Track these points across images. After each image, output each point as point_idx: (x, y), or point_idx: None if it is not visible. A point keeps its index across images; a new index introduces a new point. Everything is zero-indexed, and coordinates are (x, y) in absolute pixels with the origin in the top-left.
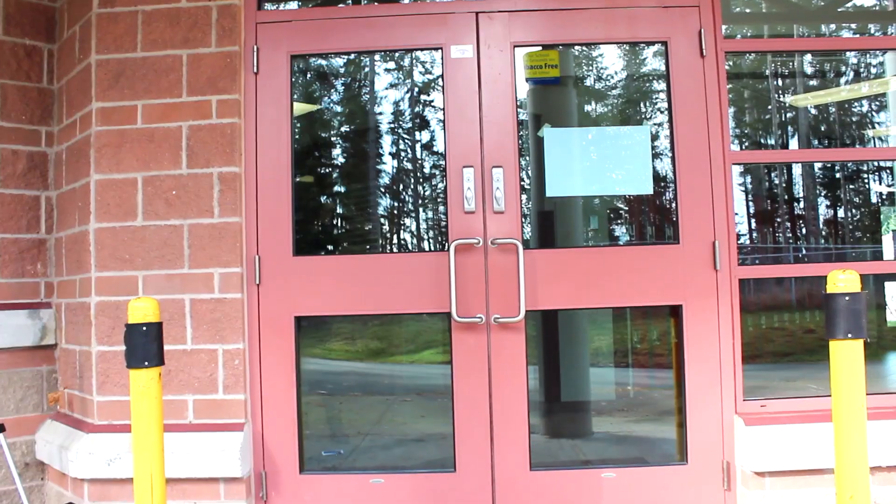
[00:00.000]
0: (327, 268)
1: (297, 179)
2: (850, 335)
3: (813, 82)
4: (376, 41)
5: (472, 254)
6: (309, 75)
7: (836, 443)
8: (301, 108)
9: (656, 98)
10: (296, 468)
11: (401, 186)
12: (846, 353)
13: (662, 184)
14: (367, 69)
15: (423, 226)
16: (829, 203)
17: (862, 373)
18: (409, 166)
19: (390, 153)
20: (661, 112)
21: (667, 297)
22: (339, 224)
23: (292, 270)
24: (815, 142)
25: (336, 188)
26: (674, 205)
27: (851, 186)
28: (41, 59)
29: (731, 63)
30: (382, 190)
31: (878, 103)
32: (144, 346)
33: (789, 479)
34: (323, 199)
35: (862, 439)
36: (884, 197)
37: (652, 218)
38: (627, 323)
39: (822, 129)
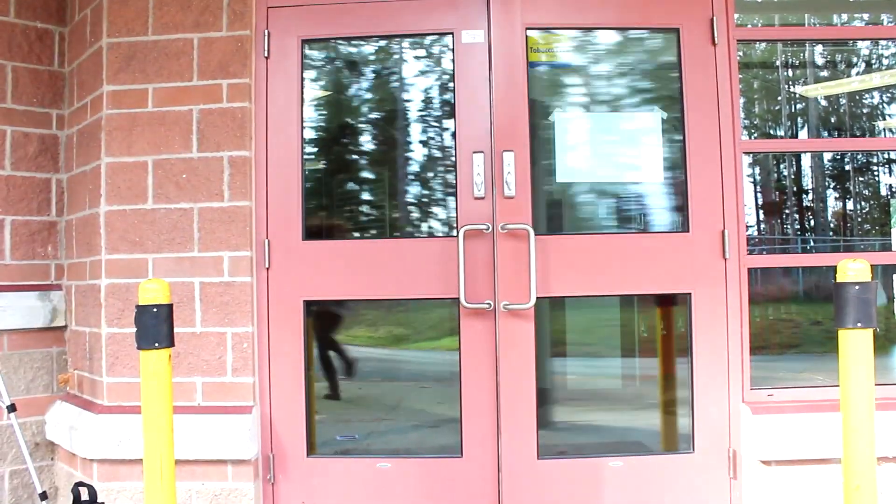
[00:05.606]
0: (337, 252)
1: (308, 164)
2: (859, 324)
3: (824, 72)
4: (387, 26)
5: (481, 240)
6: (320, 60)
7: (844, 432)
8: (311, 93)
9: (667, 85)
10: (303, 451)
11: (411, 172)
12: (855, 343)
13: (672, 171)
14: (378, 55)
15: (432, 211)
16: (838, 195)
17: (871, 362)
18: (420, 152)
19: (401, 139)
20: (672, 99)
21: (676, 286)
22: (349, 209)
23: (302, 254)
24: (825, 133)
25: (346, 173)
26: (684, 193)
27: (861, 178)
28: (52, 42)
29: (741, 52)
30: (393, 175)
31: (889, 94)
32: (155, 327)
33: (796, 468)
34: (333, 183)
35: (869, 429)
36: (894, 189)
37: (662, 205)
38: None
39: (833, 119)
